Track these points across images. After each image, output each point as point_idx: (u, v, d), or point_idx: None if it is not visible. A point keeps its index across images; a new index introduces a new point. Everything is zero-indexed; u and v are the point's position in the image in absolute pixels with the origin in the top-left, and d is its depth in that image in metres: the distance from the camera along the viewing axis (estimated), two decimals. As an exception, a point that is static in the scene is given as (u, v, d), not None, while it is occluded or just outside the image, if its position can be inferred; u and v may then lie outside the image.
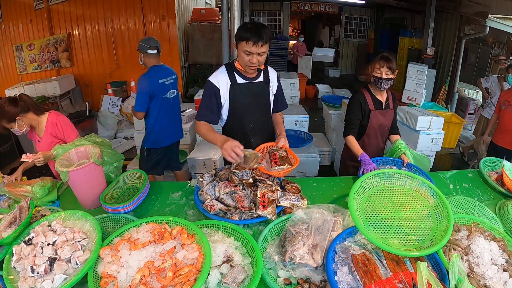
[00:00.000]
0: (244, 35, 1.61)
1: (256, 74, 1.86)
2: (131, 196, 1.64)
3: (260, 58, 1.67)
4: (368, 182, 1.42)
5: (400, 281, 1.01)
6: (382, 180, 1.44)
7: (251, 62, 1.67)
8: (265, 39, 1.61)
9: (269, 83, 1.91)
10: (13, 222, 1.27)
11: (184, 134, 3.76)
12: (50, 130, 2.01)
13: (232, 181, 1.60)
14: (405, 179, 1.44)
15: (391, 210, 1.32)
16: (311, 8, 10.35)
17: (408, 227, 1.25)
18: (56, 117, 2.02)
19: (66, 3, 6.08)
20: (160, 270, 1.06)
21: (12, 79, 6.63)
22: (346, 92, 6.21)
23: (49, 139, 2.00)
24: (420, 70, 5.51)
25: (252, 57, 1.65)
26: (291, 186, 1.68)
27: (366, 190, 1.40)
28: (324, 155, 4.25)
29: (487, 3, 4.77)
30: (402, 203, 1.35)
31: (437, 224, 1.26)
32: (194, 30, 6.86)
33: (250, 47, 1.61)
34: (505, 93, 3.30)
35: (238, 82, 1.80)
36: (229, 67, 1.82)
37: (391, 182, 1.44)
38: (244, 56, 1.67)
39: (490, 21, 4.23)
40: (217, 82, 1.78)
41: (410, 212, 1.31)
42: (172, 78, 2.80)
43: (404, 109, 4.02)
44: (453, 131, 4.84)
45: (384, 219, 1.27)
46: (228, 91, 1.79)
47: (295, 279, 1.15)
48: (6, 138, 4.15)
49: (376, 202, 1.36)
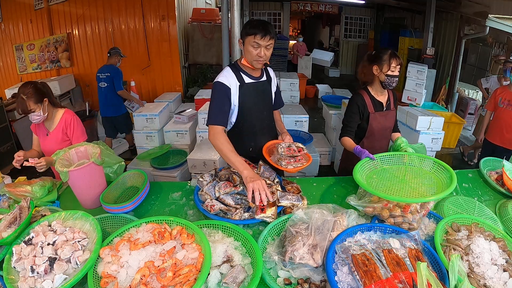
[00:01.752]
0: (252, 29, 1.66)
1: (260, 73, 1.88)
2: (131, 196, 1.64)
3: (267, 52, 1.70)
4: (369, 165, 1.63)
5: (400, 281, 1.01)
6: (380, 162, 1.68)
7: (259, 56, 1.69)
8: (271, 33, 1.67)
9: (271, 81, 1.96)
10: (13, 222, 1.27)
11: (184, 134, 3.78)
12: (64, 127, 2.01)
13: (233, 180, 1.60)
14: (401, 158, 1.68)
15: (395, 181, 1.52)
16: (311, 8, 10.35)
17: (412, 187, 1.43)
18: (72, 117, 2.04)
19: (66, 3, 6.08)
20: (160, 270, 1.06)
21: (12, 79, 6.63)
22: (346, 92, 6.21)
23: (60, 136, 2.01)
24: (420, 70, 5.51)
25: (260, 50, 1.67)
26: (291, 186, 1.69)
27: (367, 171, 1.57)
28: (324, 155, 4.25)
29: (487, 3, 4.76)
30: (404, 176, 1.55)
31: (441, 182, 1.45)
32: (194, 30, 6.86)
33: (258, 40, 1.65)
34: (503, 90, 3.19)
35: (246, 82, 1.81)
36: (233, 67, 1.81)
37: (389, 163, 1.67)
38: (252, 50, 1.68)
39: (490, 21, 4.23)
40: (228, 83, 1.75)
41: (413, 179, 1.51)
42: (105, 74, 4.14)
43: (404, 109, 4.02)
44: (453, 131, 4.84)
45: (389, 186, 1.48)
46: (237, 92, 1.78)
47: (295, 279, 1.15)
48: (6, 138, 4.15)
49: (379, 179, 1.55)
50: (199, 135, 3.71)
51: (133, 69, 6.40)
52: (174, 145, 3.81)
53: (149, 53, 6.36)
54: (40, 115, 1.91)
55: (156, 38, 6.27)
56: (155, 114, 3.83)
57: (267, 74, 1.93)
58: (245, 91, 1.80)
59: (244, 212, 1.47)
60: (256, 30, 1.64)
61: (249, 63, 1.75)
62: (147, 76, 6.51)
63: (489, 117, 3.34)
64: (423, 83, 5.50)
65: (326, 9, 10.42)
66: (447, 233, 1.32)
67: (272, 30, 1.67)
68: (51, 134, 2.03)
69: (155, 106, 4.10)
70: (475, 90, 6.04)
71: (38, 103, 1.88)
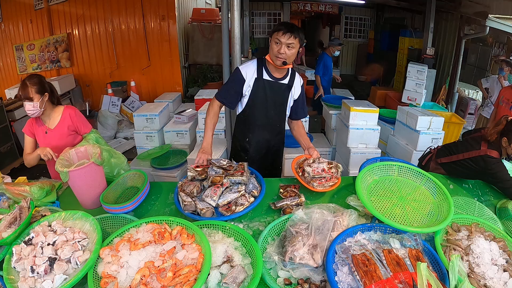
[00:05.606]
0: (277, 27, 1.78)
1: (283, 75, 1.94)
2: (131, 196, 1.64)
3: (288, 51, 1.77)
4: (375, 170, 1.57)
5: (400, 281, 1.01)
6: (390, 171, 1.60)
7: (279, 52, 1.76)
8: (295, 32, 1.74)
9: (292, 87, 1.99)
10: (13, 222, 1.27)
11: (184, 134, 3.78)
12: (68, 123, 2.06)
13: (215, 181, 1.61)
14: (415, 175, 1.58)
15: (395, 198, 1.46)
16: (311, 8, 10.34)
17: (410, 213, 1.37)
18: (73, 111, 2.10)
19: (66, 3, 6.08)
20: (160, 270, 1.06)
21: (12, 79, 6.63)
22: (346, 92, 6.19)
23: (65, 131, 2.06)
24: (420, 70, 5.50)
25: (280, 46, 1.76)
26: (287, 191, 1.67)
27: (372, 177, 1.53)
28: (324, 155, 4.25)
29: (487, 3, 4.76)
30: (406, 195, 1.48)
31: (438, 210, 1.37)
32: (194, 30, 6.85)
33: (280, 36, 1.74)
34: (506, 90, 3.30)
35: (264, 78, 1.90)
36: (260, 61, 1.93)
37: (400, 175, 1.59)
38: (274, 47, 1.78)
39: (490, 21, 4.23)
40: (245, 73, 1.91)
41: (413, 201, 1.44)
42: None
43: (404, 109, 4.01)
44: (453, 131, 4.83)
45: (387, 203, 1.41)
46: (252, 83, 1.91)
47: (295, 279, 1.15)
48: (6, 138, 4.15)
49: (381, 189, 1.51)
50: (199, 135, 3.71)
51: (133, 69, 6.41)
52: (174, 145, 3.80)
53: (149, 53, 6.36)
54: (36, 107, 1.92)
55: (156, 38, 6.27)
56: (155, 114, 3.82)
57: (291, 79, 1.97)
58: (259, 86, 1.91)
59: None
60: (280, 27, 1.75)
61: (271, 59, 1.84)
62: (147, 76, 6.51)
63: (495, 115, 3.43)
64: (423, 83, 5.50)
65: (326, 9, 10.41)
66: (447, 233, 1.32)
67: (297, 31, 1.75)
68: (53, 131, 2.05)
69: (155, 106, 4.10)
70: (475, 90, 6.04)
71: (39, 94, 1.91)
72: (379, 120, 3.87)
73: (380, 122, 3.96)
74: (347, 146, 3.71)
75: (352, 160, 3.63)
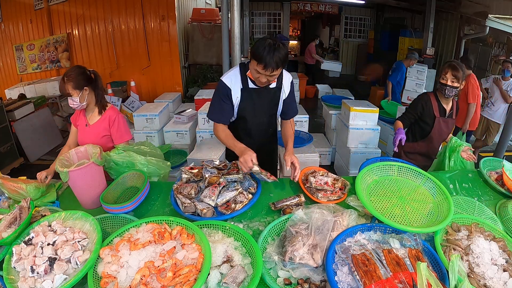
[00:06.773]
0: (257, 55, 1.53)
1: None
2: (131, 196, 1.64)
3: (270, 78, 1.63)
4: (375, 169, 1.57)
5: (400, 281, 1.01)
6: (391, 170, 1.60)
7: (260, 81, 1.65)
8: (277, 65, 1.54)
9: (281, 88, 1.87)
10: (13, 222, 1.27)
11: (184, 134, 3.78)
12: (105, 124, 1.96)
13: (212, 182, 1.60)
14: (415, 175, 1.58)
15: (395, 198, 1.45)
16: (311, 8, 10.36)
17: (410, 213, 1.37)
18: (117, 114, 1.98)
19: (66, 3, 6.08)
20: (160, 270, 1.06)
21: (12, 79, 6.64)
22: (346, 92, 6.21)
23: (101, 130, 1.96)
24: (420, 70, 5.51)
25: (261, 76, 1.61)
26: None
27: (371, 177, 1.53)
28: (324, 155, 4.25)
29: (487, 3, 4.77)
30: (406, 195, 1.48)
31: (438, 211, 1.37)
32: (194, 30, 6.85)
33: (260, 69, 1.56)
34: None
35: (250, 87, 1.78)
36: (243, 69, 1.77)
37: (400, 174, 1.59)
38: (254, 73, 1.64)
39: (490, 21, 4.24)
40: (230, 83, 1.76)
41: (413, 201, 1.44)
42: None
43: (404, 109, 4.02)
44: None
45: (387, 203, 1.41)
46: (240, 94, 1.78)
47: (295, 279, 1.15)
48: (6, 138, 4.15)
49: (380, 189, 1.51)
50: (199, 135, 3.71)
51: (133, 69, 6.41)
52: (174, 145, 3.80)
53: (149, 53, 6.36)
54: (77, 101, 1.84)
55: (156, 38, 6.27)
56: (155, 114, 3.82)
57: (279, 81, 1.83)
58: (246, 96, 1.79)
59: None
60: (261, 59, 1.52)
61: (253, 78, 1.70)
62: (147, 76, 6.51)
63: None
64: (423, 83, 5.50)
65: (326, 9, 10.42)
66: (447, 233, 1.32)
67: (280, 60, 1.53)
68: (91, 126, 1.97)
69: (155, 106, 4.10)
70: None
71: (77, 89, 1.80)
72: (379, 120, 3.87)
73: (380, 122, 3.96)
74: (347, 146, 3.72)
75: (352, 160, 3.63)
